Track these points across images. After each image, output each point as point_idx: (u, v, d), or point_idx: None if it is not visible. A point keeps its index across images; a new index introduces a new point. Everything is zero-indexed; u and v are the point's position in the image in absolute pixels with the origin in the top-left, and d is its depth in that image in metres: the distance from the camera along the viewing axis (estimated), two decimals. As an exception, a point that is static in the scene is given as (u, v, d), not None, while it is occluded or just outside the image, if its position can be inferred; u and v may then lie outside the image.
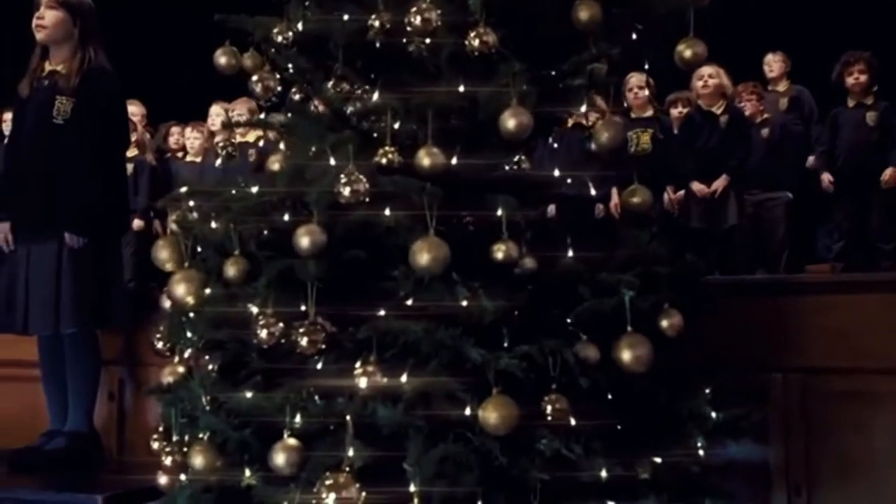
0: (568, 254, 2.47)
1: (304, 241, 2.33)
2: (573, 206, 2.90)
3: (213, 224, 2.58)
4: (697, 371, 2.63)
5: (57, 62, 3.50)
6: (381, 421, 2.23)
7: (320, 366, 2.34)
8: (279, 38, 2.68)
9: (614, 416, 2.35)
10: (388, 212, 2.37)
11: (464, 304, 2.27)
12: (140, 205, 5.87)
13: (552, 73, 2.61)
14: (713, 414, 2.52)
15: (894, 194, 5.43)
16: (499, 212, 2.37)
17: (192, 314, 2.56)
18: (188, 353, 2.65)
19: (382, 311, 2.30)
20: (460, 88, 2.46)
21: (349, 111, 2.60)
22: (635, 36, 2.69)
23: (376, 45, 2.54)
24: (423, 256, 2.26)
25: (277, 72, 2.77)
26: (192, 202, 2.67)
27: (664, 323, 2.45)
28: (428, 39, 2.47)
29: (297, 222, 2.38)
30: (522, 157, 2.76)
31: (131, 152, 5.59)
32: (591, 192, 2.80)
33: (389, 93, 2.50)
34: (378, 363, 2.24)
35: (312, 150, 2.62)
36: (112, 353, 3.82)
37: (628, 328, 2.35)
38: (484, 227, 2.42)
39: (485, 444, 2.19)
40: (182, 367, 2.65)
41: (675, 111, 5.77)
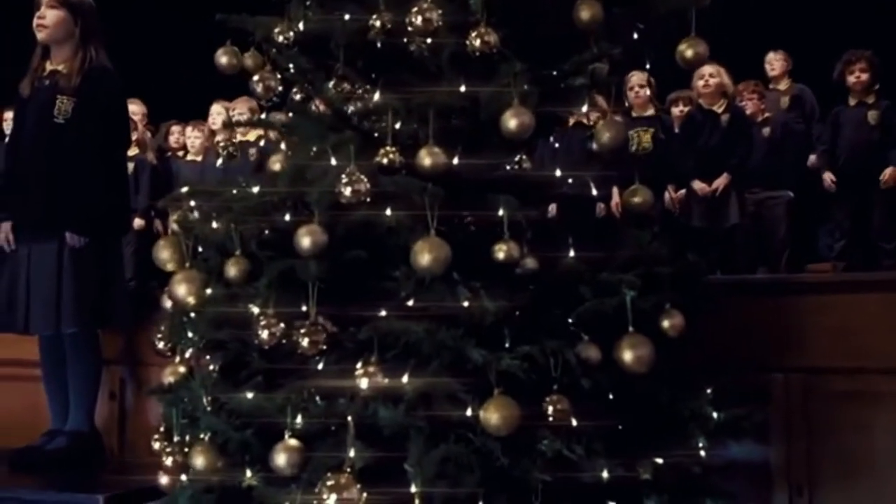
0: (569, 254, 2.47)
1: (305, 241, 2.33)
2: (574, 206, 2.89)
3: (215, 224, 2.58)
4: (699, 371, 2.63)
5: (58, 62, 3.50)
6: (382, 422, 2.22)
7: (321, 366, 2.34)
8: (280, 38, 2.68)
9: (616, 416, 2.35)
10: (389, 212, 2.36)
11: (465, 304, 2.27)
12: (141, 204, 5.86)
13: (553, 73, 2.60)
14: (714, 414, 2.52)
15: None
16: (500, 212, 2.37)
17: (193, 314, 2.56)
18: (189, 354, 2.65)
19: (384, 312, 2.30)
20: (461, 88, 2.46)
21: (350, 111, 2.60)
22: (637, 35, 2.68)
23: (377, 45, 2.54)
24: (424, 257, 2.25)
25: (278, 72, 2.77)
26: (193, 202, 2.67)
27: (665, 323, 2.45)
28: (429, 39, 2.47)
29: (298, 222, 2.37)
30: (523, 156, 2.76)
31: (132, 151, 5.59)
32: (593, 191, 2.79)
33: (391, 93, 2.50)
34: (379, 364, 2.24)
35: (313, 150, 2.62)
36: (113, 353, 3.83)
37: (630, 328, 2.35)
38: (485, 227, 2.41)
39: (486, 445, 2.18)
40: (183, 368, 2.66)
41: (676, 110, 5.76)
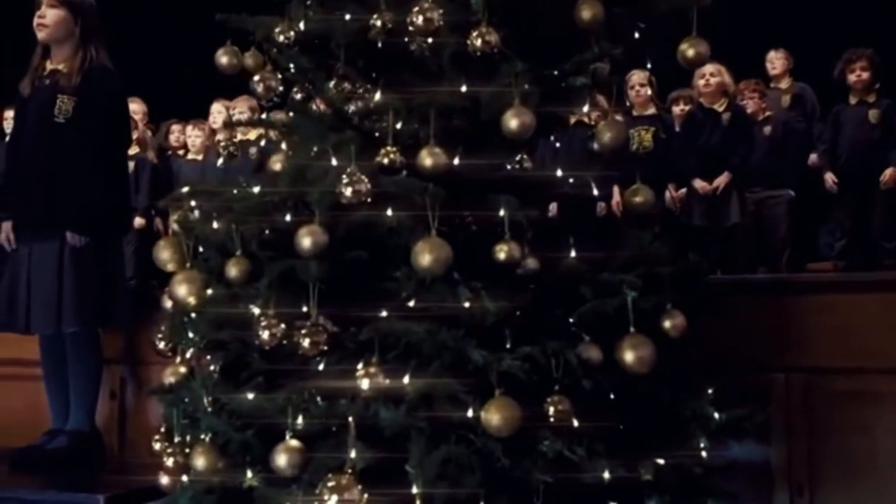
0: (570, 254, 2.47)
1: (305, 241, 2.32)
2: (575, 206, 2.89)
3: (215, 224, 2.58)
4: (700, 371, 2.62)
5: (58, 61, 3.50)
6: (383, 422, 2.22)
7: (322, 367, 2.33)
8: (281, 38, 2.68)
9: (617, 417, 2.35)
10: (389, 212, 2.36)
11: (466, 304, 2.27)
12: (141, 203, 5.86)
13: (554, 73, 2.60)
14: (716, 414, 2.51)
15: (896, 193, 5.41)
16: (501, 212, 2.36)
17: (193, 314, 2.56)
18: (190, 354, 2.65)
19: (384, 312, 2.30)
20: (462, 88, 2.45)
21: (351, 111, 2.60)
22: (638, 35, 2.68)
23: (378, 45, 2.53)
24: (425, 257, 2.25)
25: (279, 71, 2.77)
26: (193, 202, 2.67)
27: (667, 323, 2.45)
28: (430, 39, 2.47)
29: (298, 223, 2.37)
30: (524, 156, 2.75)
31: (132, 150, 5.59)
32: (594, 191, 2.79)
33: (391, 92, 2.49)
34: (380, 364, 2.24)
35: (314, 150, 2.62)
36: (114, 352, 3.83)
37: (631, 329, 2.35)
38: (486, 227, 2.41)
39: (487, 446, 2.18)
40: (184, 368, 2.65)
41: (677, 109, 5.75)
